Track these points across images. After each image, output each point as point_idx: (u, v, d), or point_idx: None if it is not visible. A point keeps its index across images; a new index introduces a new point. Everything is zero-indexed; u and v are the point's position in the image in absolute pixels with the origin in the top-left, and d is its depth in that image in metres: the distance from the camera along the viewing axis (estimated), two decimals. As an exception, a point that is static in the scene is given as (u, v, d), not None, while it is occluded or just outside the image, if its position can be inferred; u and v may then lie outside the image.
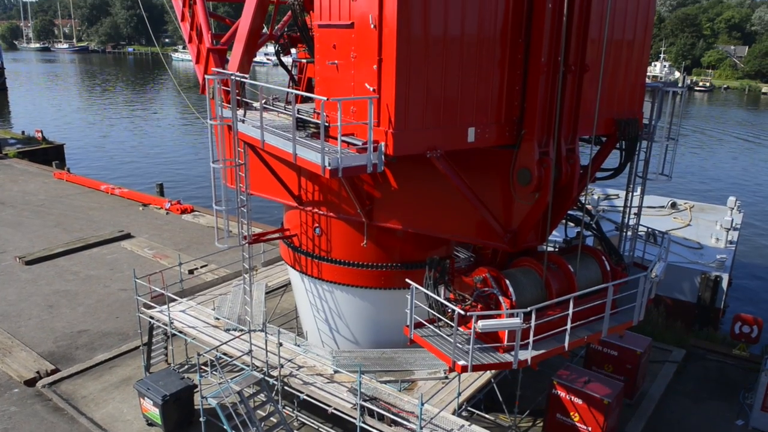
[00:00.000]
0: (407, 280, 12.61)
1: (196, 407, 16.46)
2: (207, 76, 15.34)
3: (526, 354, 12.13)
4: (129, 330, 22.04)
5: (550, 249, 14.09)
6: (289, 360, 15.74)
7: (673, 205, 31.80)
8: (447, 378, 15.21)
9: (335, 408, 14.23)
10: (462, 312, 11.70)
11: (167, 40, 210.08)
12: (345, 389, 14.61)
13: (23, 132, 60.42)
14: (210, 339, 16.78)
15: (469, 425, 13.39)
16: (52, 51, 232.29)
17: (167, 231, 33.35)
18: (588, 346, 18.48)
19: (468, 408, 14.86)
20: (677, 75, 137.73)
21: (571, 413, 15.73)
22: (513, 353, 12.05)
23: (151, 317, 18.38)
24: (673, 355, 20.84)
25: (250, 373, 15.58)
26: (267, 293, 19.81)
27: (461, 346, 12.07)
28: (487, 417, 16.69)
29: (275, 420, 15.70)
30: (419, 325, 12.94)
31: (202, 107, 17.84)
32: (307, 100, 15.73)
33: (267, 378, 15.30)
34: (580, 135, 12.90)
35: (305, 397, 14.75)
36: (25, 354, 20.57)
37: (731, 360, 21.04)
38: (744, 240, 34.27)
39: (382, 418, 13.60)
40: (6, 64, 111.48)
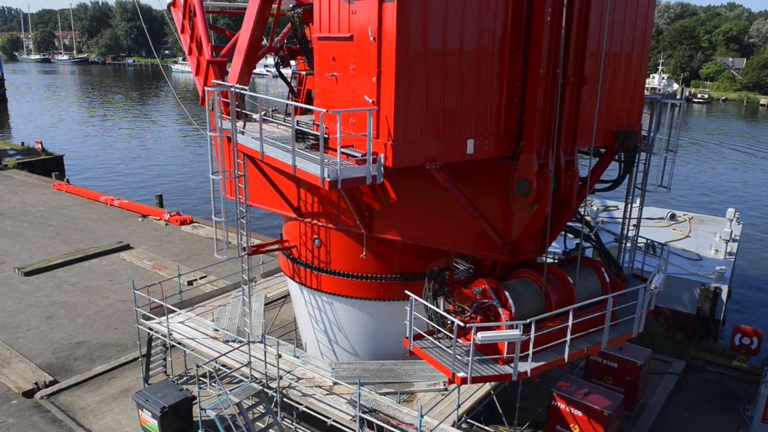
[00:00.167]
0: (406, 291, 12.62)
1: (194, 419, 16.39)
2: (207, 87, 15.42)
3: (525, 366, 12.12)
4: (128, 341, 21.98)
5: (549, 260, 14.10)
6: (288, 371, 15.70)
7: (673, 217, 31.84)
8: (446, 390, 15.17)
9: (334, 420, 14.17)
10: (461, 323, 11.70)
11: (167, 51, 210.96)
12: (344, 401, 14.56)
13: (23, 143, 60.53)
14: (209, 350, 16.74)
15: (469, 437, 13.36)
16: (52, 62, 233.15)
17: (166, 242, 33.34)
18: (588, 357, 18.43)
19: (467, 420, 14.80)
20: (676, 87, 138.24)
21: (571, 425, 15.69)
22: (512, 365, 12.04)
23: (150, 328, 18.35)
24: (673, 367, 20.79)
25: (249, 385, 15.54)
26: (266, 304, 19.80)
27: (461, 357, 12.06)
28: (487, 429, 16.59)
29: (274, 432, 15.66)
30: (418, 337, 12.92)
31: (201, 119, 17.91)
32: (307, 111, 15.80)
33: (266, 390, 15.25)
34: (578, 146, 12.96)
35: (304, 409, 14.69)
36: (24, 365, 20.50)
37: (731, 371, 21.00)
38: (743, 251, 34.26)
39: (381, 430, 13.56)
40: (6, 75, 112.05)
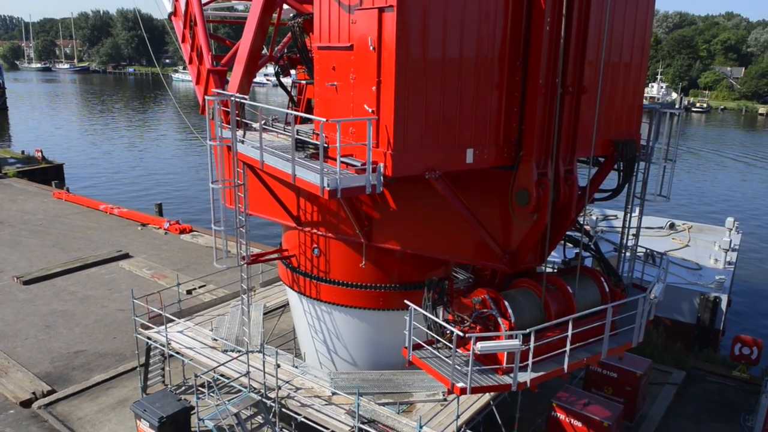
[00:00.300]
0: (406, 301, 12.59)
1: (193, 429, 16.29)
2: (207, 97, 15.43)
3: (525, 376, 12.07)
4: (126, 351, 21.92)
5: (548, 270, 14.07)
6: (287, 381, 15.63)
7: (672, 226, 31.83)
8: (446, 400, 15.09)
9: (333, 430, 14.10)
10: (461, 333, 11.66)
11: (168, 60, 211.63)
12: (343, 411, 14.49)
13: (23, 151, 60.60)
14: (207, 360, 16.68)
15: (469, 448, 13.28)
16: (53, 71, 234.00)
17: (166, 251, 33.31)
18: (587, 367, 18.37)
19: (467, 430, 14.73)
20: (674, 96, 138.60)
21: (571, 436, 15.61)
22: (512, 375, 11.98)
23: (149, 338, 18.29)
24: (673, 377, 20.72)
25: (247, 395, 15.47)
26: (265, 314, 19.75)
27: (460, 367, 12.00)
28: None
29: (272, 442, 15.58)
30: (418, 347, 12.87)
31: (201, 128, 17.91)
32: (307, 120, 15.81)
33: (264, 400, 15.18)
34: (578, 156, 12.96)
35: (303, 419, 14.61)
36: (21, 374, 20.43)
37: (731, 382, 20.93)
38: (743, 261, 34.24)
39: (380, 440, 13.49)
40: (7, 83, 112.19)
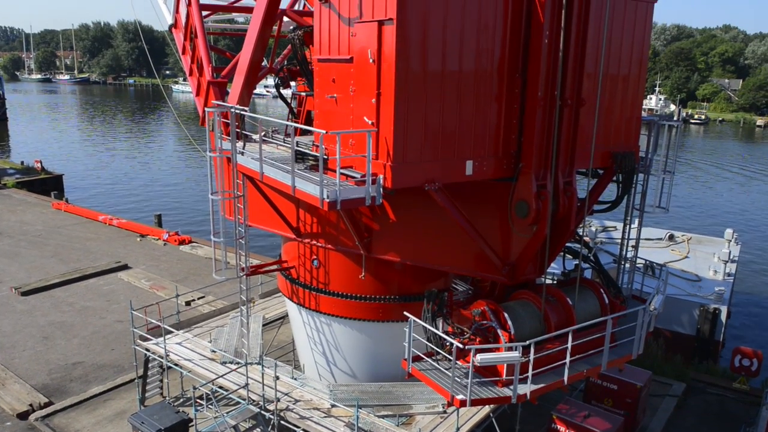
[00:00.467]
0: (405, 312, 12.56)
1: (191, 442, 16.23)
2: (207, 108, 15.49)
3: (525, 388, 12.03)
4: (124, 362, 21.83)
5: (548, 281, 14.06)
6: (286, 394, 15.57)
7: (671, 238, 31.87)
8: (445, 412, 15.03)
9: (332, 443, 14.06)
10: (460, 345, 11.64)
11: (168, 72, 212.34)
12: (342, 424, 14.43)
13: (22, 162, 60.67)
14: (206, 372, 16.62)
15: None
16: (53, 82, 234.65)
17: (165, 262, 33.26)
18: (587, 379, 18.30)
19: (467, 443, 14.67)
20: (672, 108, 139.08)
21: (572, 448, 15.54)
22: (512, 387, 11.94)
23: (147, 349, 18.22)
24: (673, 389, 20.66)
25: (246, 407, 15.40)
26: (264, 325, 19.69)
27: (460, 379, 11.97)
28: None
29: (271, 455, 15.49)
30: (417, 359, 12.84)
31: (201, 139, 17.96)
32: (306, 132, 15.85)
33: (263, 412, 15.12)
34: (577, 168, 12.99)
35: (302, 432, 14.58)
36: (19, 386, 20.33)
37: (732, 393, 20.87)
38: (742, 272, 34.23)
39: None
40: (7, 94, 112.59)
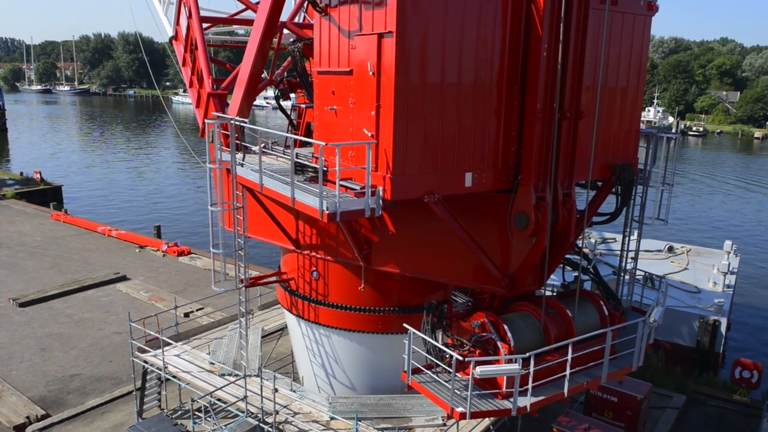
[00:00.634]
0: (405, 324, 12.53)
1: (188, 454, 16.14)
2: (207, 120, 15.52)
3: (525, 400, 11.99)
4: (122, 374, 21.73)
5: (548, 293, 14.05)
6: (285, 406, 15.50)
7: (670, 249, 31.88)
8: (445, 425, 14.95)
9: (331, 456, 13.99)
10: (460, 357, 11.61)
11: (168, 83, 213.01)
12: (341, 436, 14.38)
13: (21, 173, 60.70)
14: (204, 384, 16.55)
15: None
16: (53, 93, 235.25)
17: (163, 273, 33.20)
18: (587, 392, 18.24)
19: (466, 456, 14.61)
20: (671, 120, 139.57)
21: (572, 461, 15.46)
22: (512, 399, 11.91)
23: (145, 361, 18.15)
24: (674, 401, 20.58)
25: (244, 420, 15.32)
26: (263, 337, 19.62)
27: (459, 392, 11.94)
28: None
29: (269, 468, 15.40)
30: (417, 371, 12.81)
31: (201, 150, 17.98)
32: (306, 144, 15.88)
33: (262, 425, 15.04)
34: (576, 180, 13.03)
35: (300, 445, 14.50)
36: (16, 398, 20.22)
37: (732, 405, 20.81)
38: (741, 284, 34.20)
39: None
40: (7, 105, 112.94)
